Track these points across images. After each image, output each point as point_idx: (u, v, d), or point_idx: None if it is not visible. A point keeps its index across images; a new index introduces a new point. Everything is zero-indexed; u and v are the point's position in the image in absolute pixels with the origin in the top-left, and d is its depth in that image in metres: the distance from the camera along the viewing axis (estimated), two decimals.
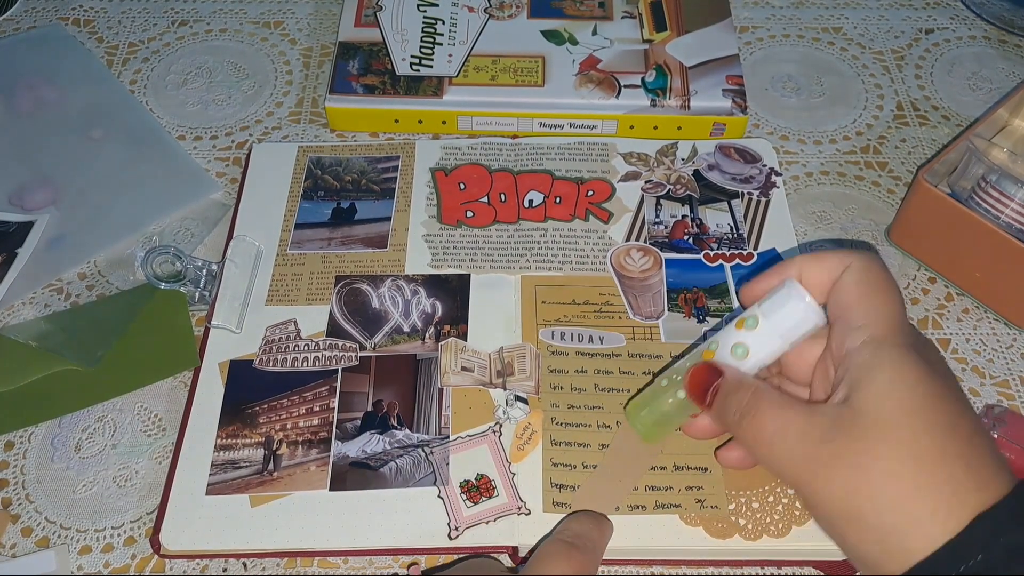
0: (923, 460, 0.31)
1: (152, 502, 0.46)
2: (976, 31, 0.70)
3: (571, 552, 0.40)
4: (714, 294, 0.53)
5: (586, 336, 0.51)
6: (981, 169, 0.53)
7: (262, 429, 0.47)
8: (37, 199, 0.59)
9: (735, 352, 0.38)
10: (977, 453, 0.32)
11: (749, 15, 0.72)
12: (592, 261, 0.54)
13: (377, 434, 0.47)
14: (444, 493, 0.45)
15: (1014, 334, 0.53)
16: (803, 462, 0.33)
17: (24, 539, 0.45)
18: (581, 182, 0.58)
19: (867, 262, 0.37)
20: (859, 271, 0.36)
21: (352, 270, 0.54)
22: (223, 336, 0.51)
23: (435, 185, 0.58)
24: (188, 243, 0.57)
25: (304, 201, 0.57)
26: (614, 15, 0.66)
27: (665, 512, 0.44)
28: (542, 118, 0.61)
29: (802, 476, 0.33)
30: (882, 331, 0.34)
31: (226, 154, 0.62)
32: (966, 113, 0.64)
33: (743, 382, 0.37)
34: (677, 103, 0.61)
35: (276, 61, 0.68)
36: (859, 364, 0.34)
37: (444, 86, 0.61)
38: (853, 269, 0.37)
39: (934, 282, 0.55)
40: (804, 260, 0.38)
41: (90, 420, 0.49)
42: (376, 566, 0.44)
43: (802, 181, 0.60)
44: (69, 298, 0.54)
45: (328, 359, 0.50)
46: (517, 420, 0.47)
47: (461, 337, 0.51)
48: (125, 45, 0.69)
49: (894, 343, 0.34)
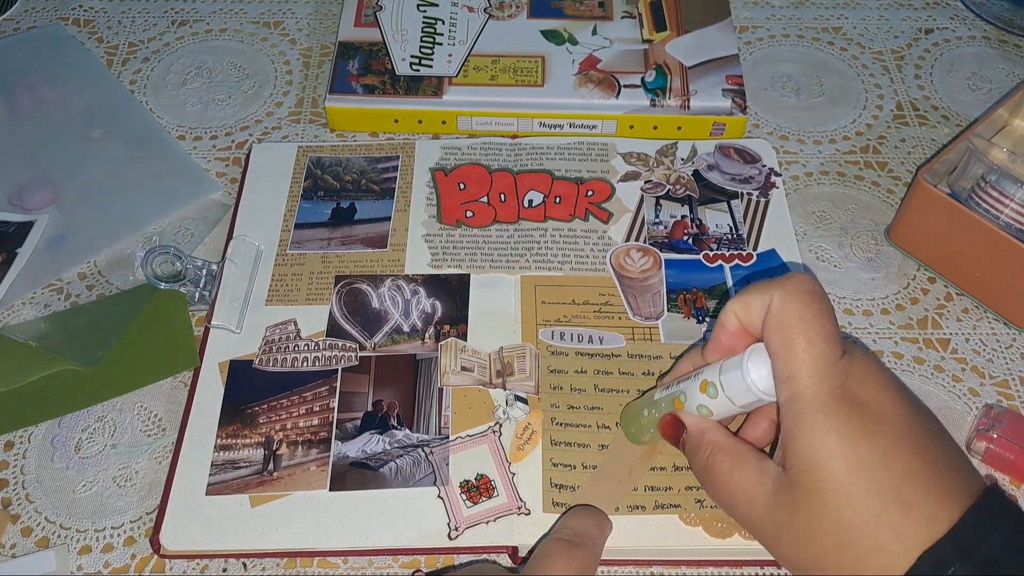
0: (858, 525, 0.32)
1: (152, 502, 0.46)
2: (976, 31, 0.70)
3: (571, 550, 0.40)
4: (714, 295, 0.53)
5: (586, 336, 0.51)
6: (981, 169, 0.53)
7: (262, 429, 0.47)
8: (37, 199, 0.59)
9: (700, 411, 0.39)
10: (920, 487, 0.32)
11: (749, 15, 0.72)
12: (592, 261, 0.54)
13: (377, 434, 0.47)
14: (444, 493, 0.45)
15: (1014, 334, 0.53)
16: (756, 527, 0.36)
17: (24, 539, 0.45)
18: (581, 182, 0.58)
19: (784, 296, 0.35)
20: (777, 311, 0.35)
21: (352, 270, 0.54)
22: (223, 336, 0.51)
23: (435, 185, 0.58)
24: (188, 243, 0.57)
25: (304, 201, 0.57)
26: (614, 15, 0.66)
27: (665, 512, 0.44)
28: (542, 118, 0.61)
29: (759, 538, 0.37)
30: (803, 385, 0.33)
31: (226, 154, 0.62)
32: (966, 113, 0.64)
33: (702, 440, 0.38)
34: (677, 103, 0.61)
35: (276, 61, 0.68)
36: (786, 429, 0.34)
37: (444, 86, 0.61)
38: (772, 310, 0.35)
39: (934, 282, 0.55)
40: (734, 305, 0.37)
41: (90, 420, 0.49)
42: (376, 566, 0.44)
43: (802, 181, 0.60)
44: (69, 298, 0.54)
45: (328, 359, 0.50)
46: (517, 420, 0.47)
47: (461, 337, 0.51)
48: (125, 45, 0.69)
49: (814, 403, 0.33)
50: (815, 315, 0.34)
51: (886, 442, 0.32)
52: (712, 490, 0.38)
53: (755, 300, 0.36)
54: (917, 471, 0.32)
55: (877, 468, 0.32)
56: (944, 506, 0.31)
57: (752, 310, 0.36)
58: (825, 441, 0.33)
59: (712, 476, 0.37)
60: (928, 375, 0.51)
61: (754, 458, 0.36)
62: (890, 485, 0.32)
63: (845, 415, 0.33)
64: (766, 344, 0.36)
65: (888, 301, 0.54)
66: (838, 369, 0.34)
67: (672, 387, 0.41)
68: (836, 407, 0.33)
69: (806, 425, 0.33)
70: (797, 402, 0.34)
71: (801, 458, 0.33)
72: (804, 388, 0.33)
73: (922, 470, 0.32)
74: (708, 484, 0.38)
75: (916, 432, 0.33)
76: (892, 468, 0.32)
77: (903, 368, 0.51)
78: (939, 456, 0.33)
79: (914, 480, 0.32)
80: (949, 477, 0.32)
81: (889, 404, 0.33)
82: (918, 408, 0.35)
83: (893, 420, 0.33)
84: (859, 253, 0.57)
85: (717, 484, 0.37)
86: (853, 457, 0.32)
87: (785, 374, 0.34)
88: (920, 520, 0.31)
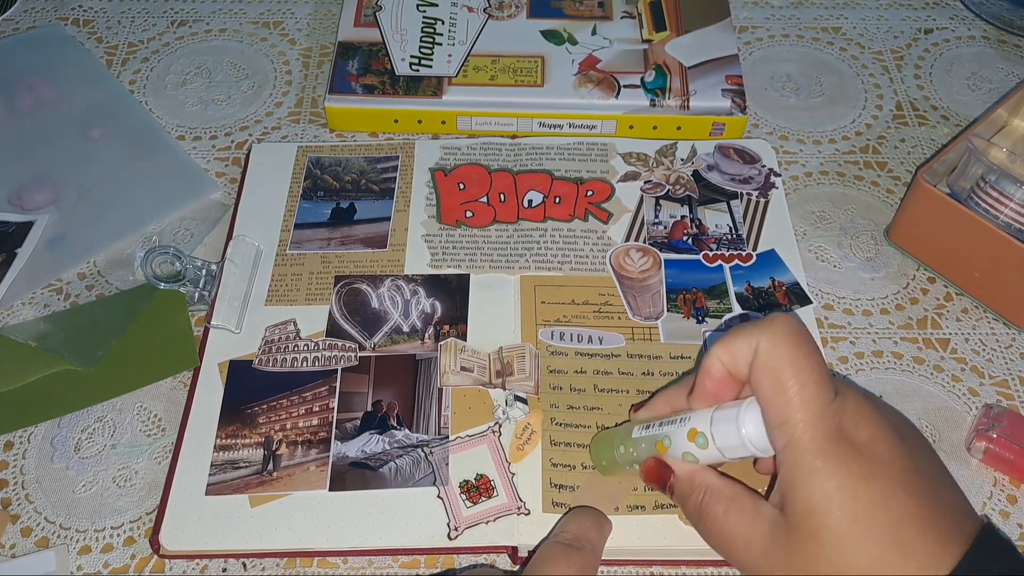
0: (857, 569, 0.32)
1: (152, 502, 0.46)
2: (975, 31, 0.70)
3: (570, 554, 0.40)
4: (713, 295, 0.53)
5: (585, 336, 0.51)
6: (980, 169, 0.53)
7: (262, 429, 0.47)
8: (37, 199, 0.59)
9: (685, 458, 0.38)
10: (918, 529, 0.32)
11: (749, 15, 0.72)
12: (591, 261, 0.54)
13: (377, 434, 0.47)
14: (444, 493, 0.45)
15: (1013, 334, 0.53)
16: (752, 569, 0.35)
17: (24, 539, 0.45)
18: (580, 182, 0.58)
19: (771, 340, 0.34)
20: (765, 355, 0.34)
21: (351, 270, 0.54)
22: (223, 336, 0.51)
23: (434, 185, 0.58)
24: (188, 243, 0.57)
25: (304, 201, 0.57)
26: (613, 15, 0.66)
27: (665, 512, 0.44)
28: (541, 118, 0.61)
29: None
30: (799, 431, 0.33)
31: (225, 154, 0.62)
32: (965, 113, 0.64)
33: (693, 482, 0.38)
34: (676, 103, 0.61)
35: (276, 61, 0.68)
36: (784, 476, 0.34)
37: (443, 86, 0.61)
38: (761, 353, 0.34)
39: (933, 282, 0.55)
40: (719, 351, 0.37)
41: (90, 420, 0.49)
42: (376, 566, 0.44)
43: (801, 181, 0.60)
44: (69, 298, 0.54)
45: (328, 359, 0.50)
46: (516, 420, 0.47)
47: (460, 337, 0.51)
48: (124, 45, 0.69)
49: (811, 448, 0.33)
50: (804, 357, 0.34)
51: (883, 485, 0.32)
52: (707, 533, 0.37)
53: (740, 345, 0.35)
54: (915, 514, 0.32)
55: (876, 512, 0.32)
56: (943, 548, 0.31)
57: (738, 355, 0.36)
58: (823, 486, 0.32)
59: (707, 519, 0.37)
60: (928, 375, 0.51)
61: (750, 500, 0.36)
62: (888, 529, 0.32)
63: (842, 458, 0.33)
64: (755, 388, 0.35)
65: (888, 301, 0.54)
66: (832, 411, 0.33)
67: (653, 428, 0.40)
68: (833, 450, 0.33)
69: (804, 470, 0.33)
70: (794, 448, 0.33)
71: (800, 503, 0.33)
72: (800, 433, 0.33)
73: (920, 512, 0.32)
74: (702, 527, 0.37)
75: (913, 472, 0.33)
76: (890, 511, 0.32)
77: (903, 368, 0.51)
78: (936, 496, 0.33)
79: (912, 523, 0.32)
80: (947, 517, 0.33)
81: (884, 445, 0.33)
82: (914, 446, 0.34)
83: (889, 462, 0.33)
84: (859, 253, 0.57)
85: (712, 527, 0.37)
86: (851, 502, 0.32)
87: (779, 420, 0.34)
88: (919, 564, 0.31)
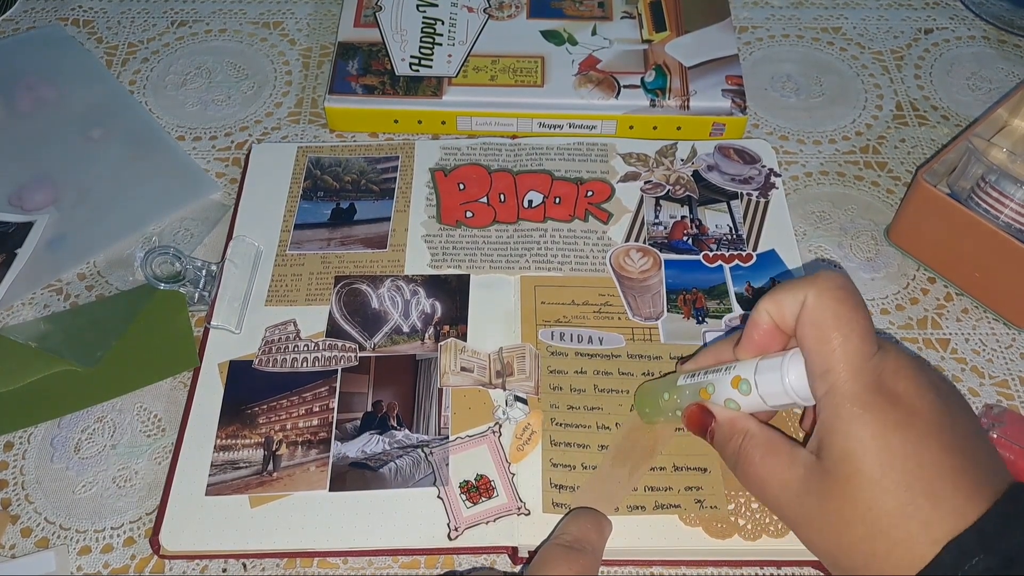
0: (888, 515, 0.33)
1: (152, 502, 0.46)
2: (975, 31, 0.70)
3: (571, 556, 0.40)
4: (713, 295, 0.53)
5: (585, 337, 0.51)
6: (980, 169, 0.53)
7: (262, 429, 0.47)
8: (37, 199, 0.59)
9: (728, 404, 0.39)
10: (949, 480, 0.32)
11: (749, 15, 0.72)
12: (591, 261, 0.54)
13: (377, 434, 0.47)
14: (444, 493, 0.45)
15: (1013, 334, 0.53)
16: (787, 512, 0.36)
17: (24, 540, 0.45)
18: (580, 182, 0.58)
19: (819, 294, 0.35)
20: (812, 309, 0.35)
21: (351, 270, 0.54)
22: (223, 336, 0.51)
23: (434, 185, 0.58)
24: (188, 243, 0.57)
25: (303, 201, 0.57)
26: (613, 15, 0.66)
27: (664, 512, 0.44)
28: (541, 118, 0.61)
29: (788, 522, 0.37)
30: (841, 379, 0.34)
31: (225, 154, 0.62)
32: (965, 113, 0.64)
33: (734, 428, 0.39)
34: (676, 103, 0.61)
35: (276, 61, 0.68)
36: (823, 421, 0.35)
37: (443, 86, 0.61)
38: (808, 306, 0.36)
39: (933, 282, 0.55)
40: (766, 303, 0.38)
41: (90, 420, 0.49)
42: (376, 566, 0.44)
43: (801, 181, 0.60)
44: (69, 298, 0.54)
45: (328, 359, 0.50)
46: (517, 420, 0.47)
47: (460, 337, 0.51)
48: (124, 45, 0.69)
49: (851, 396, 0.34)
50: (850, 311, 0.35)
51: (917, 436, 0.33)
52: (743, 476, 0.38)
53: (788, 298, 0.37)
54: (947, 465, 0.33)
55: (908, 461, 0.33)
56: (971, 500, 0.32)
57: (785, 308, 0.37)
58: (860, 433, 0.33)
59: (745, 462, 0.38)
60: None
61: (786, 445, 0.37)
62: (920, 478, 0.32)
63: (879, 408, 0.33)
64: (800, 340, 0.36)
65: (888, 301, 0.54)
66: (873, 364, 0.34)
67: (698, 376, 0.41)
68: (871, 400, 0.34)
69: (843, 417, 0.34)
70: (834, 395, 0.34)
71: (837, 448, 0.34)
72: (841, 382, 0.34)
73: (952, 464, 0.33)
74: (740, 470, 0.38)
75: (946, 426, 0.34)
76: (922, 461, 0.33)
77: None
78: (968, 451, 0.34)
79: (943, 474, 0.33)
80: (977, 472, 0.33)
81: (920, 399, 0.34)
82: (950, 402, 0.35)
83: (924, 414, 0.34)
84: (859, 253, 0.57)
85: (749, 470, 0.37)
86: (886, 449, 0.33)
87: (822, 369, 0.35)
88: (948, 513, 0.32)
